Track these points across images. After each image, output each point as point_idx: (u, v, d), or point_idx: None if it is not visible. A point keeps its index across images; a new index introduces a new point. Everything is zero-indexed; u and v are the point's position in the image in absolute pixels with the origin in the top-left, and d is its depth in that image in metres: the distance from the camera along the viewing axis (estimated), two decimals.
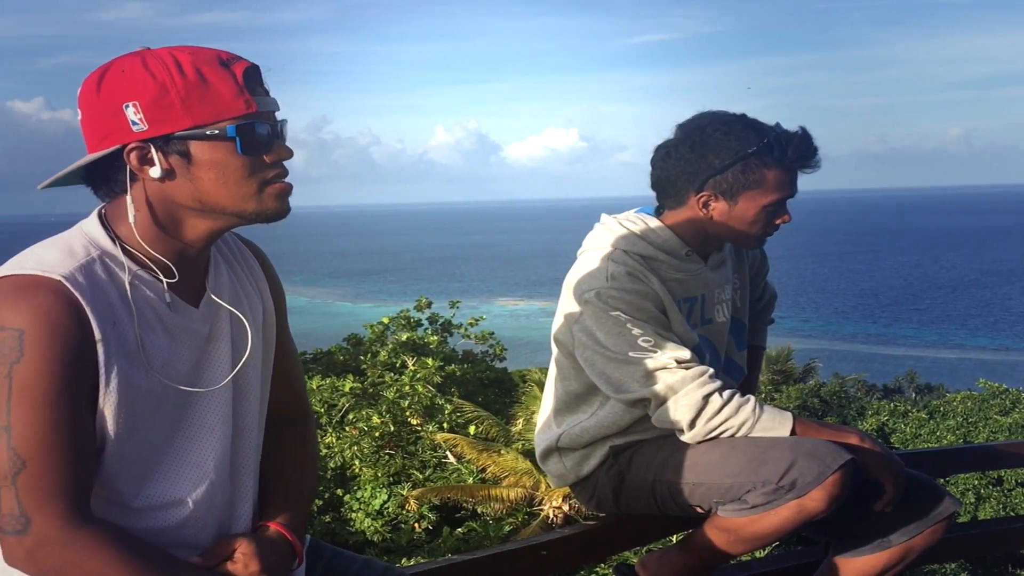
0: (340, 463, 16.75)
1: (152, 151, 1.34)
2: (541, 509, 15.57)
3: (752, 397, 2.17)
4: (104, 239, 1.38)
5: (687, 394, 2.12)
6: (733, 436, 2.14)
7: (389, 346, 19.75)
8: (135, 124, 1.32)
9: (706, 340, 2.37)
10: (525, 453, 15.07)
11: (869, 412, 24.06)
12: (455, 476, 16.25)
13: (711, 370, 2.16)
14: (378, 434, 16.69)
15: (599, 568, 11.88)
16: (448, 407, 16.99)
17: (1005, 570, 17.34)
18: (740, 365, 2.55)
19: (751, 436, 2.13)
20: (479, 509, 15.58)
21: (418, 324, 20.93)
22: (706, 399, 2.12)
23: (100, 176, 1.39)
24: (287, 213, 1.43)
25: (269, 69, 1.40)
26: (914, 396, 32.16)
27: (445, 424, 16.82)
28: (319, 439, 16.55)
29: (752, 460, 2.08)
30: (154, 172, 1.35)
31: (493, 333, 21.91)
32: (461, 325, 21.49)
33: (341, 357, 21.13)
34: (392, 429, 16.87)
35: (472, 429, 16.46)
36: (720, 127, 2.21)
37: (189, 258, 1.44)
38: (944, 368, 50.21)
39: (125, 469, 1.38)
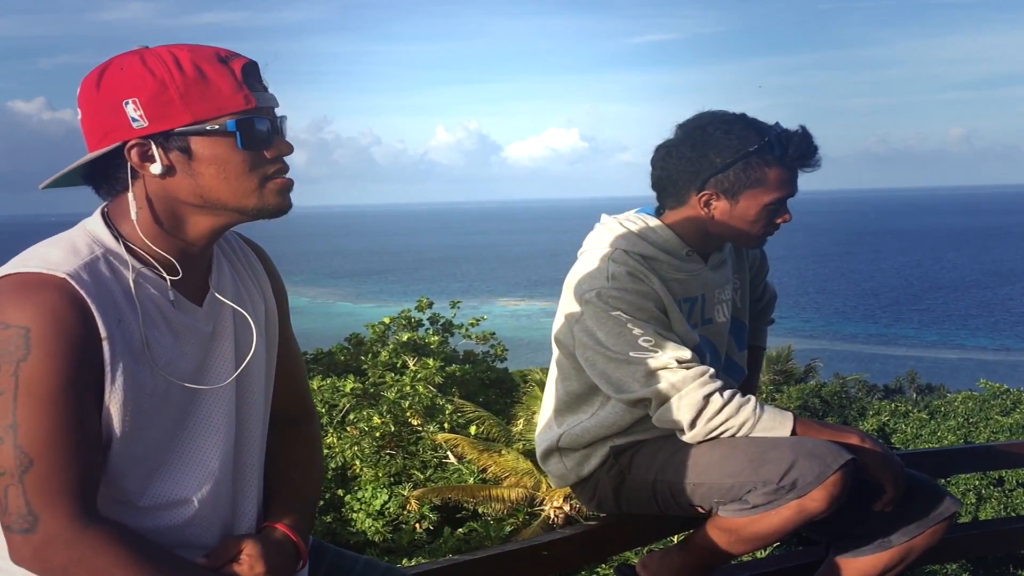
0: (341, 463, 16.75)
1: (153, 147, 1.34)
2: (542, 509, 15.57)
3: (753, 397, 2.18)
4: (108, 237, 1.38)
5: (688, 394, 2.13)
6: (734, 436, 2.14)
7: (390, 346, 19.75)
8: (135, 121, 1.32)
9: (706, 340, 2.37)
10: (526, 453, 15.07)
11: (870, 412, 24.05)
12: (456, 476, 16.26)
13: (712, 370, 2.16)
14: (379, 434, 16.69)
15: (600, 568, 11.88)
16: (449, 407, 16.99)
17: (1006, 570, 17.34)
18: (740, 365, 2.55)
19: (752, 436, 2.13)
20: (480, 509, 15.58)
21: (419, 324, 20.93)
22: (707, 399, 2.13)
23: (101, 174, 1.40)
24: (289, 209, 1.43)
25: (267, 65, 1.41)
26: (915, 396, 32.15)
27: (446, 424, 16.82)
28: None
29: (753, 460, 2.08)
30: (155, 168, 1.35)
31: (494, 333, 21.92)
32: (462, 325, 21.50)
33: (342, 357, 21.13)
34: (393, 429, 16.87)
35: (473, 429, 16.47)
36: (721, 126, 2.21)
37: (192, 256, 1.44)
38: (945, 368, 50.19)
39: (131, 467, 1.38)
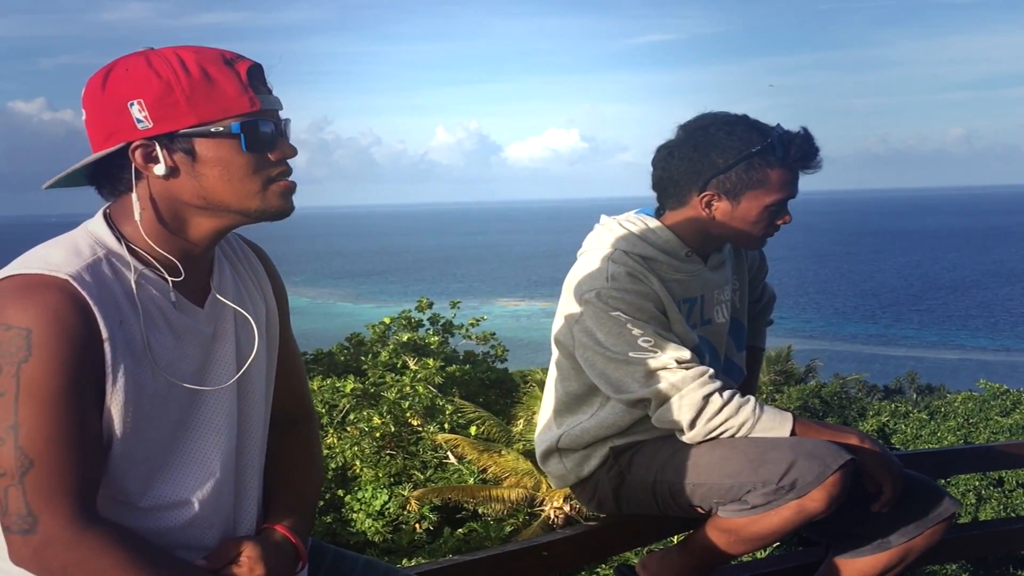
0: (341, 463, 16.75)
1: (157, 149, 1.34)
2: (542, 510, 15.57)
3: (752, 397, 2.18)
4: (110, 238, 1.38)
5: (687, 394, 2.13)
6: (733, 436, 2.15)
7: (390, 347, 19.75)
8: (140, 122, 1.33)
9: (705, 341, 2.37)
10: (526, 454, 15.07)
11: (870, 413, 24.06)
12: (456, 477, 16.25)
13: (711, 370, 2.17)
14: (379, 435, 16.69)
15: (600, 569, 11.88)
16: (449, 408, 16.99)
17: (1006, 571, 17.35)
18: (739, 366, 2.55)
19: (751, 436, 2.14)
20: (480, 510, 15.58)
21: (419, 325, 20.93)
22: (706, 399, 2.13)
23: (105, 175, 1.40)
24: (291, 211, 1.43)
25: (272, 67, 1.41)
26: (915, 397, 32.12)
27: (446, 425, 16.82)
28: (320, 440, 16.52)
29: (752, 460, 2.08)
30: (159, 170, 1.35)
31: (494, 334, 21.93)
32: (462, 326, 21.50)
33: (342, 358, 21.13)
34: (393, 430, 16.87)
35: (473, 430, 16.46)
36: (723, 127, 2.22)
37: (194, 257, 1.44)
38: (945, 369, 50.17)
39: (132, 468, 1.38)
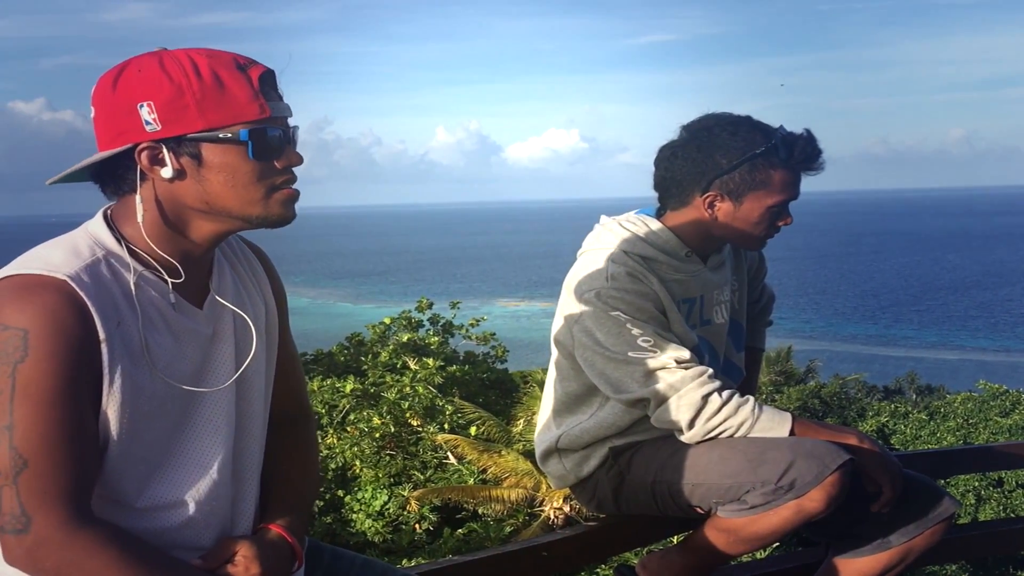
0: (341, 464, 16.75)
1: (164, 152, 1.35)
2: (542, 510, 15.57)
3: (751, 397, 2.18)
4: (109, 239, 1.39)
5: (686, 394, 2.13)
6: (732, 436, 2.15)
7: (390, 347, 19.75)
8: (148, 124, 1.33)
9: (705, 341, 2.37)
10: (526, 454, 15.06)
11: (870, 413, 24.08)
12: (456, 477, 16.25)
13: (710, 370, 2.17)
14: (379, 435, 16.69)
15: (600, 569, 11.87)
16: (449, 408, 16.99)
17: (1006, 571, 17.35)
18: (738, 366, 2.55)
19: (750, 436, 2.13)
20: (480, 510, 15.57)
21: (419, 325, 20.94)
22: (705, 399, 2.13)
23: (109, 174, 1.40)
24: (292, 219, 1.43)
25: (283, 71, 1.41)
26: (915, 397, 32.14)
27: (446, 425, 16.82)
28: (320, 440, 16.52)
29: (751, 460, 2.08)
30: (165, 173, 1.35)
31: (494, 334, 21.92)
32: (462, 326, 21.50)
33: (342, 358, 21.13)
34: (393, 430, 16.87)
35: (473, 430, 16.46)
36: (727, 128, 2.22)
37: (194, 259, 1.44)
38: (945, 369, 50.18)
39: (128, 469, 1.38)
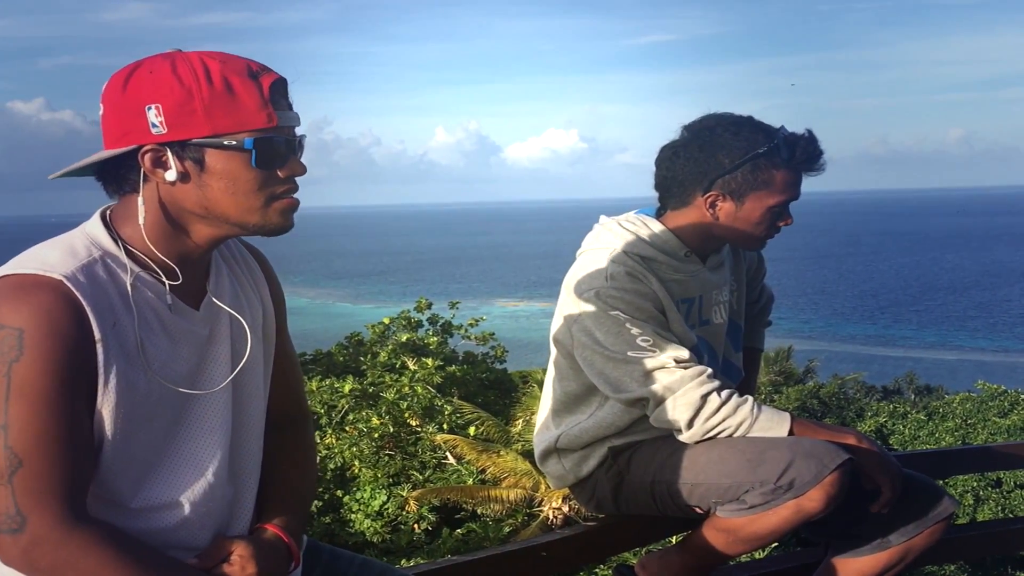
0: (340, 464, 16.74)
1: (167, 155, 1.35)
2: (541, 510, 15.56)
3: (750, 397, 2.18)
4: (106, 240, 1.39)
5: (685, 393, 2.13)
6: (731, 436, 2.14)
7: (389, 347, 19.74)
8: (154, 127, 1.33)
9: (704, 341, 2.37)
10: (525, 454, 15.06)
11: (868, 413, 24.09)
12: (455, 477, 16.24)
13: (709, 370, 2.16)
14: (378, 435, 16.68)
15: (599, 569, 11.87)
16: (448, 408, 16.98)
17: (1004, 572, 17.36)
18: (737, 367, 2.55)
19: (749, 436, 2.13)
20: (479, 510, 15.57)
21: (418, 325, 20.94)
22: (704, 399, 2.13)
23: (112, 174, 1.40)
24: (289, 229, 1.44)
25: (294, 80, 1.41)
26: (913, 397, 32.15)
27: (445, 425, 16.81)
28: (319, 440, 16.55)
29: (750, 460, 2.08)
30: (168, 176, 1.36)
31: (493, 334, 21.92)
32: (461, 326, 21.50)
33: (341, 358, 21.12)
34: (392, 430, 16.86)
35: (472, 430, 16.45)
36: (729, 128, 2.22)
37: (192, 261, 1.45)
38: (943, 369, 50.20)
39: (123, 469, 1.38)
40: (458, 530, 15.24)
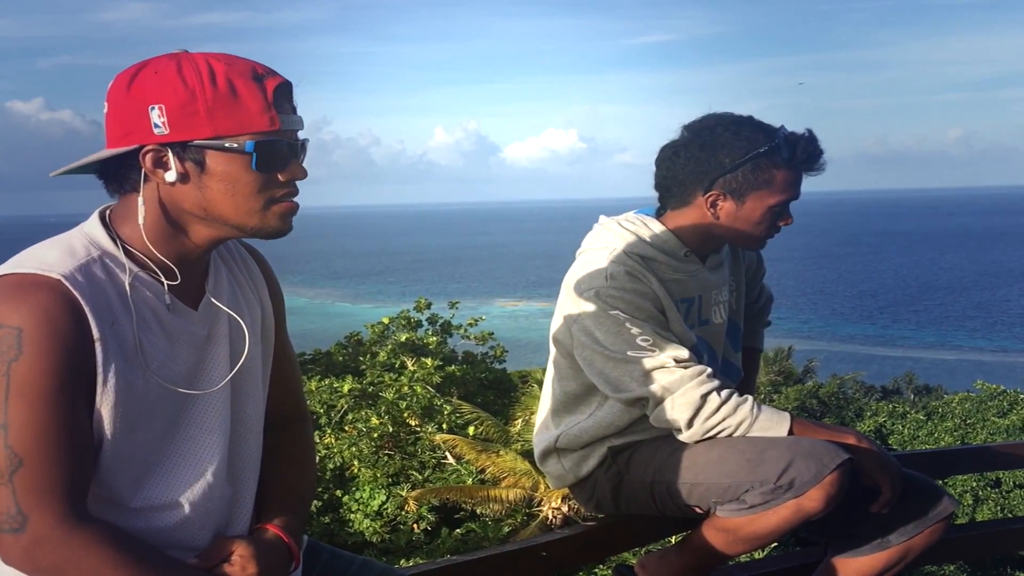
0: (339, 464, 16.75)
1: (168, 155, 1.35)
2: (540, 510, 15.56)
3: (750, 397, 2.18)
4: (105, 240, 1.39)
5: (685, 393, 2.13)
6: (731, 436, 2.14)
7: (388, 347, 19.75)
8: (157, 127, 1.33)
9: (703, 341, 2.37)
10: (524, 454, 15.07)
11: (867, 413, 24.10)
12: (454, 477, 16.25)
13: (709, 369, 2.16)
14: (377, 435, 16.68)
15: (598, 569, 11.88)
16: (447, 408, 16.99)
17: (1004, 572, 17.37)
18: (737, 366, 2.55)
19: (749, 436, 2.13)
20: (478, 510, 15.57)
21: (418, 325, 20.94)
22: (704, 398, 2.13)
23: (113, 172, 1.40)
24: (287, 232, 1.44)
25: (300, 83, 1.41)
26: (912, 397, 32.16)
27: (444, 425, 16.82)
28: (318, 440, 16.55)
29: (750, 460, 2.08)
30: (169, 176, 1.36)
31: (493, 334, 21.92)
32: (460, 326, 21.50)
33: (340, 358, 21.13)
34: (391, 430, 16.87)
35: (471, 430, 16.46)
36: (730, 127, 2.21)
37: (191, 261, 1.45)
38: (942, 369, 50.23)
39: (122, 469, 1.38)
40: (457, 530, 15.25)
